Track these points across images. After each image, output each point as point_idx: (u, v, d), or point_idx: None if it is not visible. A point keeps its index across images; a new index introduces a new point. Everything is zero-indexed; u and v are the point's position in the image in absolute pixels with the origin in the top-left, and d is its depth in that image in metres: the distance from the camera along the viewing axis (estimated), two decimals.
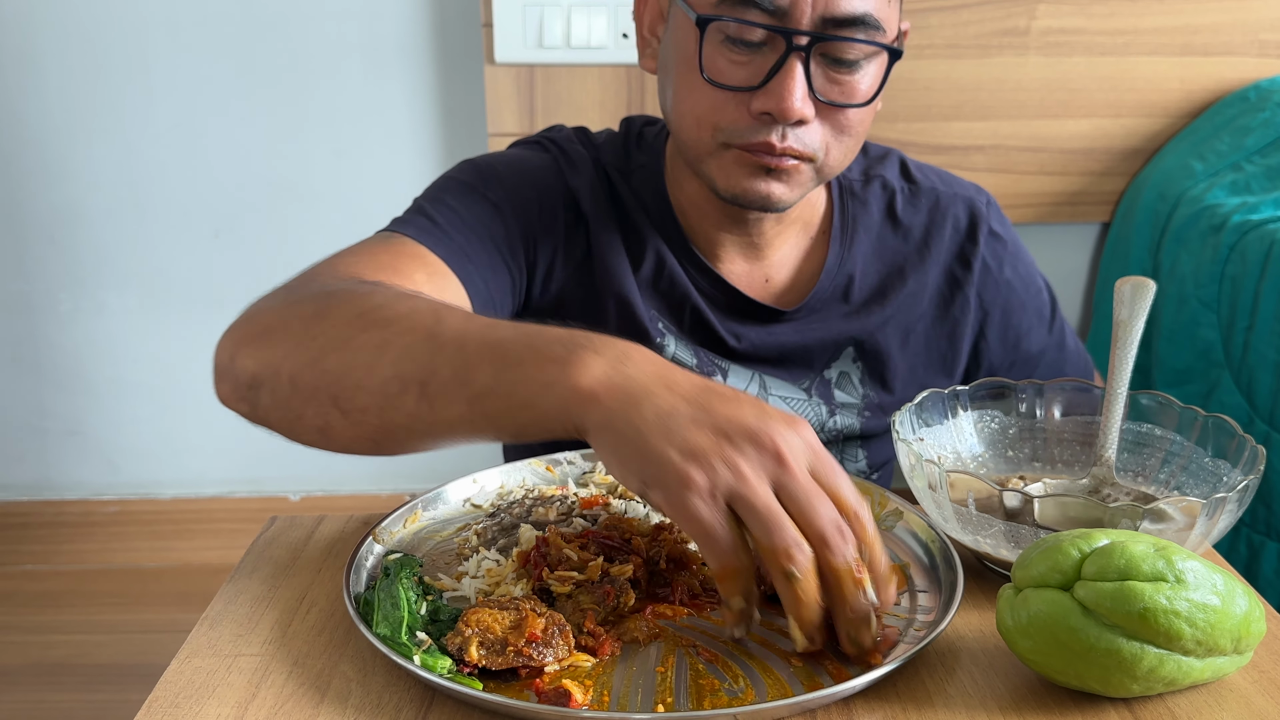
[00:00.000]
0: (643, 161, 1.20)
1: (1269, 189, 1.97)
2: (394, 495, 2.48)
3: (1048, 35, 2.18)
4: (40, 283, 2.36)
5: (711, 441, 0.70)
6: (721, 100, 1.03)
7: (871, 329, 1.20)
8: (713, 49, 1.02)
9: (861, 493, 0.97)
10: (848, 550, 0.71)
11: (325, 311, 0.86)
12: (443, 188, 1.15)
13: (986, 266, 1.24)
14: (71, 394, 2.43)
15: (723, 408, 0.72)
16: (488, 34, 2.11)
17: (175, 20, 2.21)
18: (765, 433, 0.70)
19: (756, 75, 1.01)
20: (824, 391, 1.21)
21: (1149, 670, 0.69)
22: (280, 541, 0.95)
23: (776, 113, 1.00)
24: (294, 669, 0.76)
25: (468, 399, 0.77)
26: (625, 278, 1.16)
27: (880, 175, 1.24)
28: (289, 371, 0.85)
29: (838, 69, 1.02)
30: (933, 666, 0.77)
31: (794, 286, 1.21)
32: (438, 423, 0.79)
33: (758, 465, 0.70)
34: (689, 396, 0.72)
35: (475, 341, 0.79)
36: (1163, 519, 0.81)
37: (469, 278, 1.07)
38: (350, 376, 0.81)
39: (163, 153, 2.29)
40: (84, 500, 2.49)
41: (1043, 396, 1.02)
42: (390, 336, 0.81)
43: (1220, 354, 1.90)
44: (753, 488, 0.69)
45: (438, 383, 0.78)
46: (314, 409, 0.84)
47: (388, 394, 0.80)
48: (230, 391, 0.89)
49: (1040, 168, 2.27)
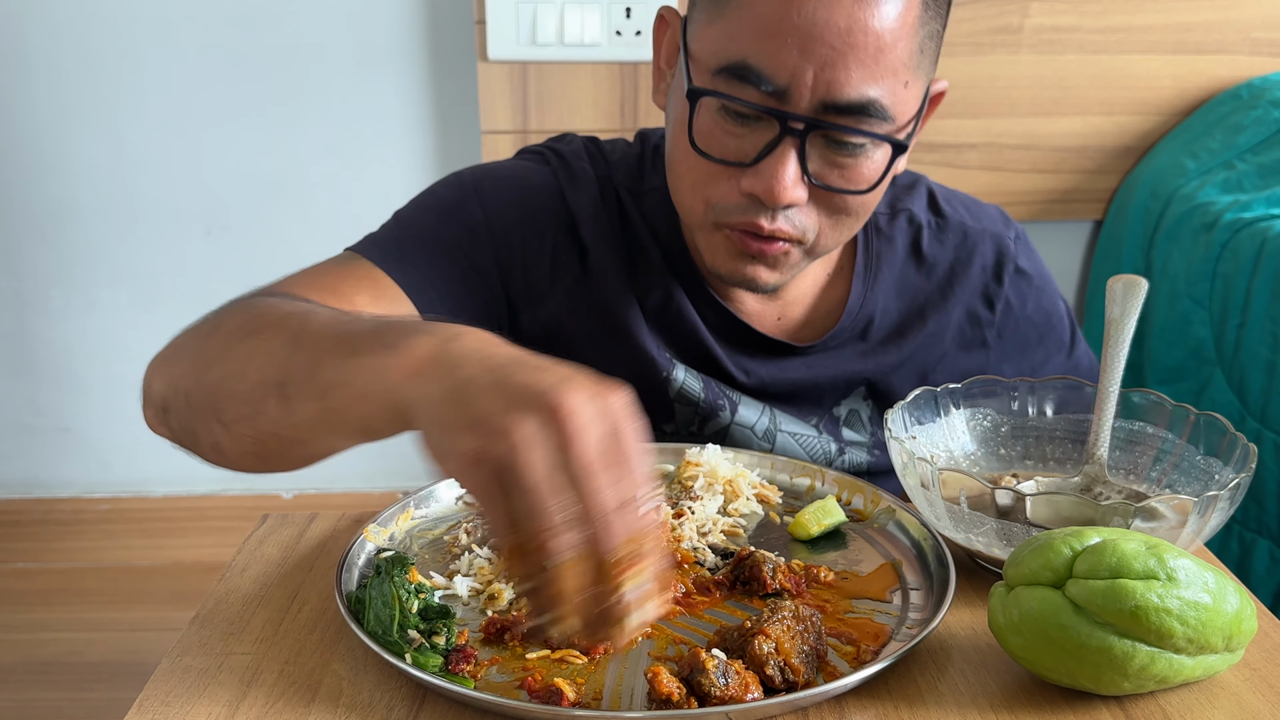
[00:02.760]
0: (657, 184, 1.13)
1: (1261, 187, 1.98)
2: (387, 493, 2.47)
3: (1041, 33, 2.18)
4: (31, 279, 2.35)
5: (495, 408, 0.62)
6: (713, 172, 0.97)
7: (886, 370, 1.15)
8: (706, 117, 0.95)
9: (854, 489, 0.98)
10: (615, 539, 0.61)
11: (216, 327, 0.85)
12: (422, 205, 1.11)
13: (1009, 306, 1.19)
14: (62, 391, 2.43)
15: (524, 374, 0.63)
16: (481, 30, 2.11)
17: (166, 16, 2.20)
18: (554, 395, 0.61)
19: (750, 151, 0.95)
20: (832, 429, 1.16)
21: (1141, 668, 0.70)
22: (272, 540, 0.95)
23: (764, 196, 0.94)
24: (285, 667, 0.76)
25: (317, 395, 0.73)
26: (629, 308, 1.10)
27: (907, 209, 1.18)
28: (184, 390, 0.83)
29: (838, 152, 0.95)
30: (924, 664, 0.77)
31: (809, 322, 1.16)
32: (299, 426, 0.75)
33: (536, 435, 0.60)
34: (497, 365, 0.65)
35: (331, 336, 0.74)
36: (1154, 517, 0.81)
37: (427, 304, 1.02)
38: (224, 387, 0.79)
39: (154, 149, 2.28)
40: (75, 498, 2.49)
41: (1035, 394, 1.02)
42: (258, 344, 0.78)
43: (1212, 351, 1.91)
44: (523, 461, 0.60)
45: (293, 383, 0.74)
46: (204, 426, 0.82)
47: (253, 401, 0.77)
48: (150, 416, 0.89)
49: (1033, 165, 2.27)
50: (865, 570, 0.88)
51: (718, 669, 0.69)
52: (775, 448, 1.13)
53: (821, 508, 0.94)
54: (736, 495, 0.98)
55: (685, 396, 1.11)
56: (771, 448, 1.13)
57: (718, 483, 0.99)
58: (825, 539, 0.93)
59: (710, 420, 1.12)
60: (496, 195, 1.10)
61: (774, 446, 1.13)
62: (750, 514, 0.98)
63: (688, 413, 1.12)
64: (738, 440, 1.12)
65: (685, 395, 1.11)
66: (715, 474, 0.99)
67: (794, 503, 1.00)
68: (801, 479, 1.02)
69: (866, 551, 0.91)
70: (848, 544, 0.93)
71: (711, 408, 1.11)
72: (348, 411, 0.72)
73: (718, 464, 1.00)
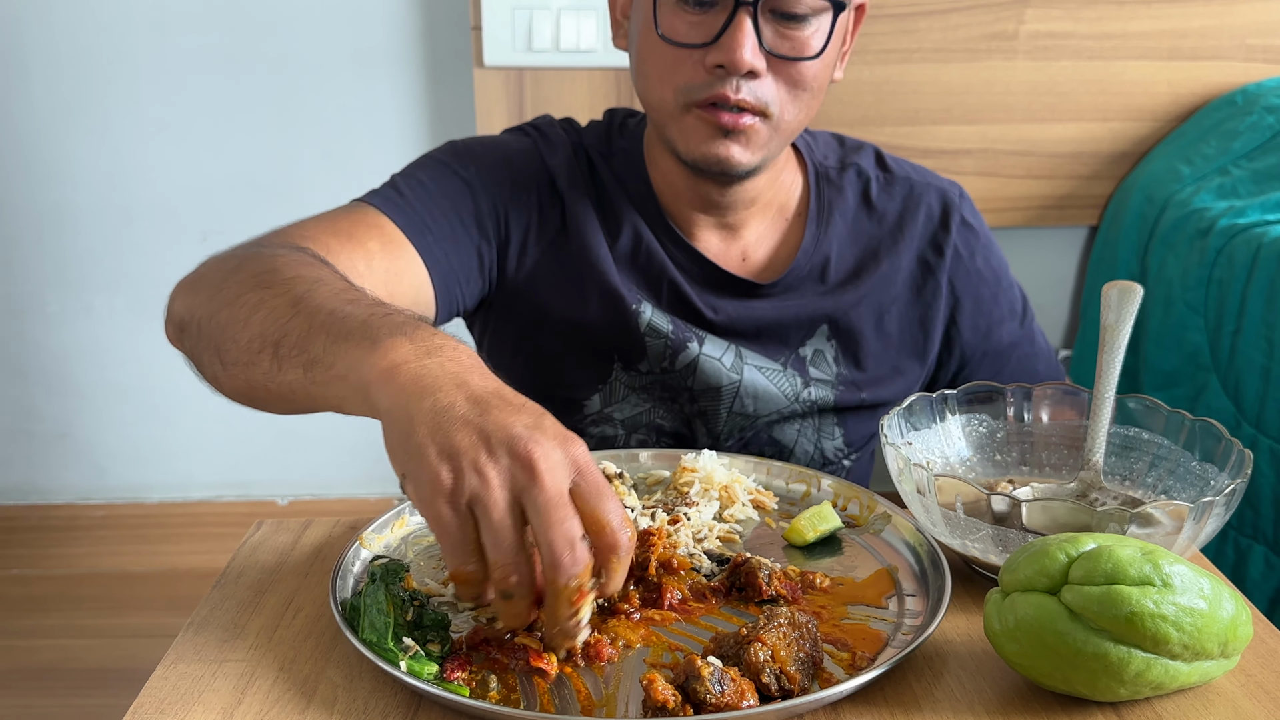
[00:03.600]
0: (624, 146, 1.24)
1: (1256, 193, 1.98)
2: (382, 499, 2.47)
3: (1036, 39, 2.19)
4: (27, 285, 2.35)
5: (470, 444, 0.69)
6: (679, 58, 1.08)
7: (845, 308, 1.23)
8: (668, 10, 1.08)
9: (849, 495, 0.98)
10: (572, 571, 0.69)
11: (238, 268, 0.92)
12: (419, 164, 1.20)
13: (958, 254, 1.27)
14: (58, 397, 2.42)
15: (498, 414, 0.70)
16: (477, 37, 2.11)
17: (163, 22, 2.20)
18: (525, 442, 0.69)
19: (709, 32, 1.06)
20: (799, 366, 1.23)
21: (1136, 674, 0.70)
22: (267, 546, 0.94)
23: (728, 64, 1.05)
24: (280, 674, 0.76)
25: (303, 365, 0.80)
26: (601, 251, 1.20)
27: (856, 163, 1.29)
28: (198, 319, 0.91)
29: (786, 24, 1.07)
30: (920, 671, 0.77)
31: (770, 265, 1.24)
32: (283, 385, 0.83)
33: (506, 474, 0.69)
34: (472, 397, 0.72)
35: (326, 312, 0.82)
36: (1150, 523, 0.81)
37: (427, 249, 1.11)
38: (229, 330, 0.87)
39: (150, 155, 2.28)
40: (71, 504, 2.48)
41: (1031, 400, 1.02)
42: (266, 297, 0.86)
43: (1207, 357, 1.91)
44: (493, 496, 0.68)
45: (286, 346, 0.82)
46: (208, 356, 0.90)
47: (251, 351, 0.85)
48: (170, 331, 0.97)
49: (1028, 171, 2.28)
50: (861, 576, 0.88)
51: (713, 676, 0.69)
52: (742, 380, 1.21)
53: (817, 513, 0.94)
54: (732, 501, 0.98)
55: (654, 330, 1.20)
56: (740, 379, 1.21)
57: (713, 488, 0.99)
58: (821, 545, 0.93)
59: (680, 353, 1.20)
60: (485, 156, 1.21)
61: (741, 379, 1.21)
62: (746, 520, 0.98)
63: (658, 346, 1.20)
64: (706, 371, 1.20)
65: (654, 329, 1.20)
66: (711, 480, 1.00)
67: (789, 508, 1.00)
68: (797, 485, 1.02)
69: (862, 557, 0.91)
70: (843, 550, 0.93)
71: (680, 341, 1.20)
72: (325, 388, 0.79)
73: (713, 470, 1.00)
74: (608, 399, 1.22)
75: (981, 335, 1.28)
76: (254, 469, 2.47)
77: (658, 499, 0.99)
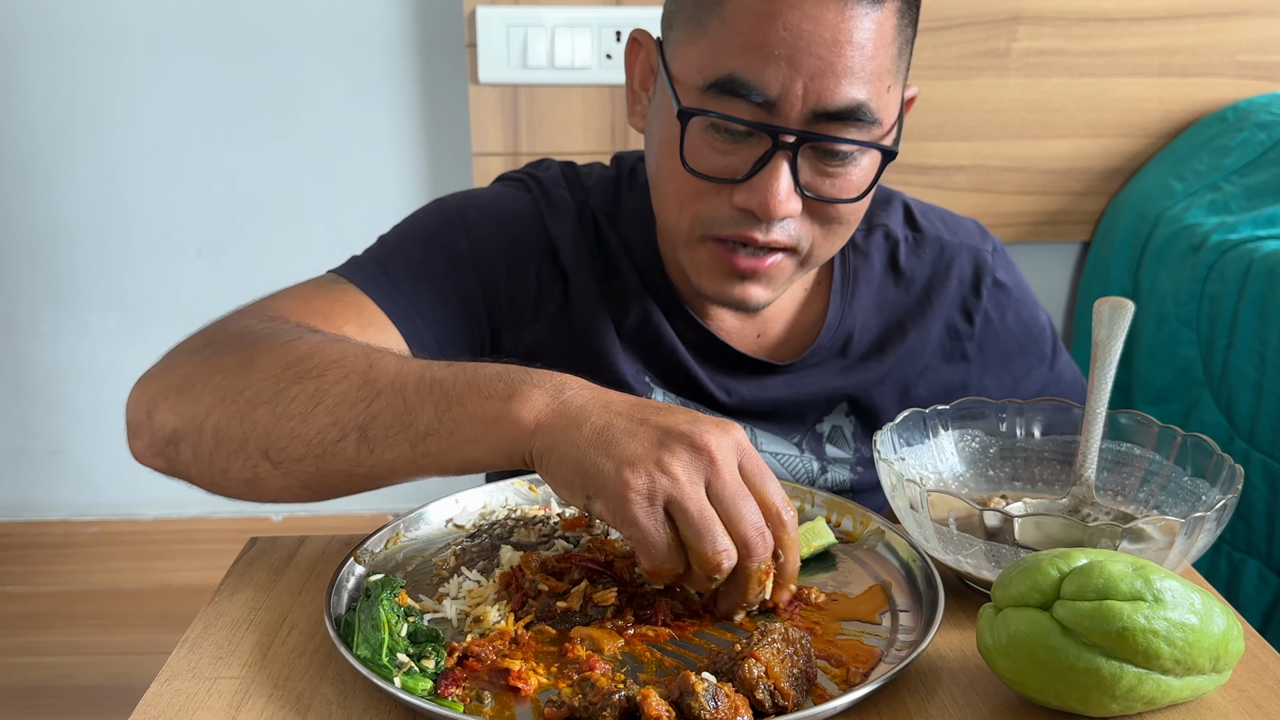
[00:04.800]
0: (633, 206, 1.14)
1: (1248, 208, 1.99)
2: (377, 515, 2.46)
3: (1028, 56, 2.20)
4: (22, 302, 2.35)
5: (647, 449, 0.73)
6: (703, 189, 0.98)
7: (868, 385, 1.16)
8: (696, 135, 0.96)
9: (841, 511, 0.98)
10: (763, 555, 0.76)
11: (249, 363, 0.87)
12: (406, 232, 1.12)
13: (989, 318, 1.20)
14: (53, 414, 2.42)
15: (656, 417, 0.76)
16: (472, 54, 2.11)
17: (158, 40, 2.21)
18: (697, 435, 0.74)
19: (741, 166, 0.96)
20: (815, 446, 1.17)
21: (1128, 689, 0.70)
22: (261, 563, 0.94)
23: (759, 210, 0.95)
24: (274, 691, 0.76)
25: (411, 440, 0.80)
26: (606, 332, 1.12)
27: (884, 224, 1.19)
28: (213, 426, 0.86)
29: (828, 162, 0.96)
30: (914, 686, 0.77)
31: (789, 340, 1.17)
32: (379, 465, 0.82)
33: (690, 467, 0.73)
34: (624, 412, 0.76)
35: (414, 383, 0.82)
36: (1142, 538, 0.82)
37: (414, 331, 1.04)
38: (282, 427, 0.84)
39: (146, 172, 2.28)
40: (64, 520, 2.48)
41: (1023, 416, 1.02)
42: (324, 385, 0.84)
43: (1200, 372, 1.91)
44: (686, 491, 0.73)
45: (379, 427, 0.81)
46: (241, 461, 0.86)
47: (325, 442, 0.83)
48: (146, 447, 0.91)
49: (1021, 187, 2.28)
50: (854, 592, 0.89)
51: (707, 692, 0.69)
52: None
53: (811, 529, 0.94)
54: None
55: None
56: None
57: None
58: (814, 560, 0.93)
59: None
60: (480, 224, 1.11)
61: None
62: None
63: None
64: None
65: None
66: None
67: None
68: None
69: (856, 573, 0.91)
70: (837, 565, 0.93)
71: None
72: (447, 455, 0.80)
73: None
74: None
75: (1009, 390, 1.22)
76: None
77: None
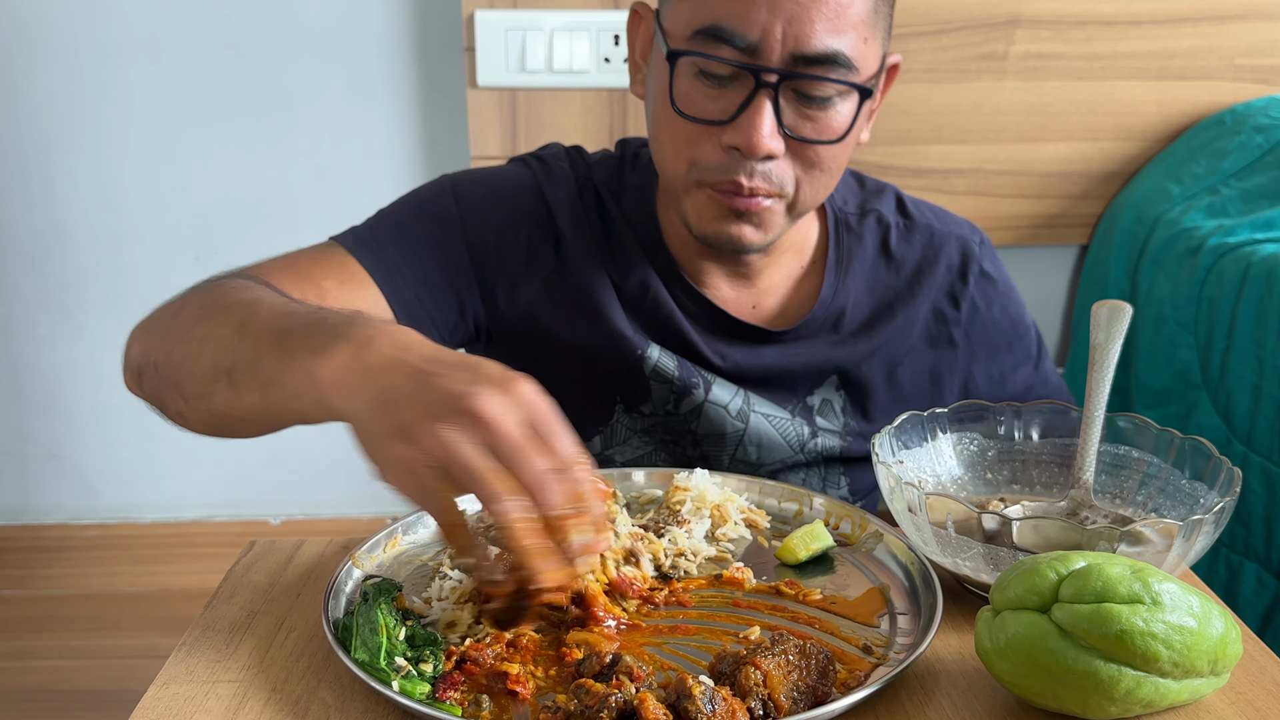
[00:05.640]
0: (635, 183, 1.20)
1: (1245, 211, 1.99)
2: (375, 519, 2.46)
3: (1026, 60, 2.20)
4: (19, 306, 2.35)
5: (417, 416, 0.71)
6: (694, 133, 1.03)
7: (857, 360, 1.20)
8: (685, 82, 1.02)
9: (841, 514, 0.98)
10: (557, 496, 0.71)
11: (184, 306, 0.94)
12: (403, 201, 1.18)
13: (975, 306, 1.24)
14: (50, 418, 2.42)
15: (436, 380, 0.72)
16: (470, 58, 2.12)
17: (157, 43, 2.21)
18: (466, 398, 0.70)
19: (727, 109, 1.01)
20: (806, 415, 1.21)
21: (1126, 692, 0.70)
22: (259, 566, 0.94)
23: (744, 148, 1.01)
24: (272, 695, 0.76)
25: (259, 387, 0.82)
26: (605, 294, 1.16)
27: (876, 209, 1.24)
28: (154, 360, 0.93)
29: (809, 105, 1.02)
30: (912, 689, 0.77)
31: (784, 313, 1.21)
32: (245, 409, 0.85)
33: (461, 432, 0.70)
34: (410, 373, 0.73)
35: (269, 330, 0.83)
36: (1140, 541, 0.82)
37: (395, 291, 1.10)
38: (184, 366, 0.89)
39: (144, 176, 2.28)
40: (62, 524, 2.47)
41: (1021, 419, 1.02)
42: (213, 328, 0.88)
43: (1198, 375, 1.91)
44: (455, 454, 0.69)
45: (239, 372, 0.84)
46: (169, 396, 0.92)
47: (206, 383, 0.87)
48: (129, 379, 0.98)
49: (1019, 191, 2.29)
50: (853, 595, 0.89)
51: (704, 696, 0.69)
52: (748, 427, 1.18)
53: (809, 532, 0.94)
54: (724, 520, 0.99)
55: (660, 374, 1.17)
56: (745, 427, 1.18)
57: (705, 507, 0.99)
58: (813, 563, 0.94)
59: (685, 398, 1.17)
60: (472, 193, 1.17)
61: (747, 426, 1.18)
62: (738, 538, 0.98)
63: (663, 390, 1.17)
64: (711, 418, 1.17)
65: (660, 373, 1.17)
66: (703, 499, 1.00)
67: (782, 527, 1.00)
68: (789, 504, 1.02)
69: (854, 576, 0.92)
70: (835, 568, 0.93)
71: (686, 385, 1.17)
72: (284, 406, 0.81)
73: (706, 489, 1.01)
74: (609, 441, 1.20)
75: (995, 385, 1.26)
76: (246, 489, 2.46)
77: (650, 518, 0.99)
